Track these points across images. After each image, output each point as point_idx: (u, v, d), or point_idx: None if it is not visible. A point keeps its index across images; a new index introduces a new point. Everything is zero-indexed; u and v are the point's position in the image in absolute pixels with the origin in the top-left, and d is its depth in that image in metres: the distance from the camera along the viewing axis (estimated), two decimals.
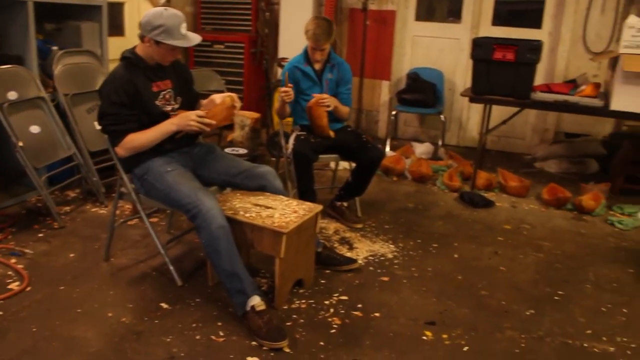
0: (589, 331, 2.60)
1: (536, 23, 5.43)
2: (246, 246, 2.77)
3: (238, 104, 2.73)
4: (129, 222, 3.45)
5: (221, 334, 2.43)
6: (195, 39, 2.66)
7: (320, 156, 3.48)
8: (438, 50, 5.80)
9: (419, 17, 5.87)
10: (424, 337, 2.47)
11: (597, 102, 3.91)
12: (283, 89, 3.35)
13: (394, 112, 5.67)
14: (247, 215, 2.56)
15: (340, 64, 3.64)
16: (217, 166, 2.86)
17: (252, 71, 5.95)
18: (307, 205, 2.73)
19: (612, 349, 2.48)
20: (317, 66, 3.56)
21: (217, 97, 2.75)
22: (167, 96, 2.75)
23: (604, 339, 2.55)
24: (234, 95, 2.73)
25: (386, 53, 5.91)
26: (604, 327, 2.64)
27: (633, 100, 3.77)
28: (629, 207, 4.16)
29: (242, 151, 4.46)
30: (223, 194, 2.82)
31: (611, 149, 5.01)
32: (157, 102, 2.70)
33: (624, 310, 2.81)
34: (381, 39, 5.89)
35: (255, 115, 4.85)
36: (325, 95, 3.40)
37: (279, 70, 5.31)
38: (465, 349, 2.40)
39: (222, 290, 2.63)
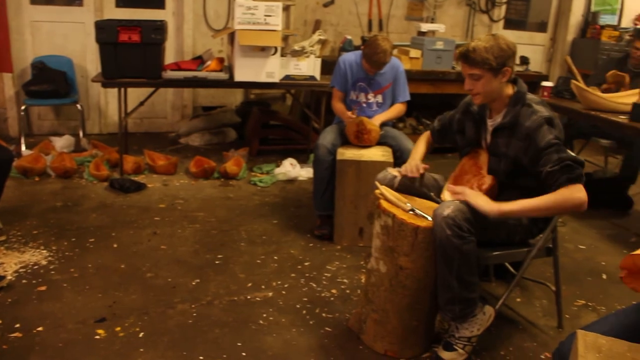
0: (249, 284, 2.86)
1: (160, 3, 5.51)
2: None
3: None
4: None
5: None
6: None
7: None
8: (62, 35, 5.42)
9: (36, 0, 5.38)
10: (97, 337, 2.37)
11: (223, 75, 4.21)
12: None
13: (23, 107, 5.15)
14: None
15: None
16: None
17: None
18: None
19: (270, 293, 2.78)
20: None
21: None
22: None
23: (263, 287, 2.84)
24: None
25: (2, 42, 5.28)
26: (261, 277, 2.94)
27: (252, 70, 4.17)
28: (266, 166, 4.65)
29: None
30: None
31: (244, 116, 5.49)
32: None
33: (275, 257, 3.17)
34: None
35: None
36: None
37: None
38: (141, 335, 2.39)
39: None
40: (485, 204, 2.15)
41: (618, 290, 3.09)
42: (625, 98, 3.86)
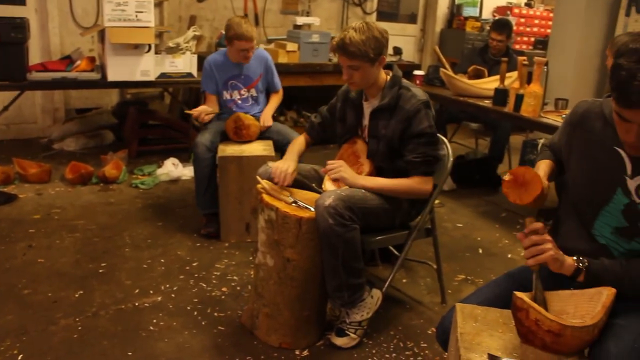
0: (137, 290, 2.76)
1: None
2: None
3: None
4: None
5: None
6: None
7: None
8: None
9: None
10: None
11: (95, 76, 4.03)
12: None
13: None
14: None
15: None
16: None
17: None
18: None
19: (159, 298, 2.71)
20: None
21: None
22: None
23: (151, 292, 2.76)
24: None
25: None
26: (149, 282, 2.85)
27: (125, 69, 4.03)
28: (147, 167, 4.51)
29: None
30: None
31: (121, 117, 5.27)
32: None
33: (162, 260, 3.09)
34: None
35: None
36: None
37: None
38: (20, 357, 2.24)
39: None
40: (349, 176, 2.35)
41: (493, 262, 3.33)
42: (489, 84, 4.15)
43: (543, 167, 1.84)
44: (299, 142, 2.75)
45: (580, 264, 1.58)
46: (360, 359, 2.35)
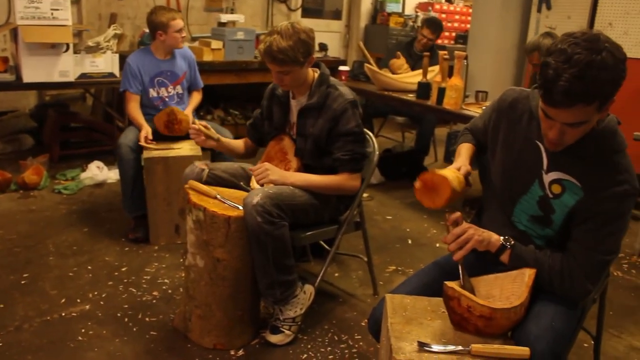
0: (63, 300, 2.67)
1: None
2: None
3: None
4: None
5: None
6: None
7: None
8: None
9: None
10: None
11: (9, 77, 3.85)
12: None
13: None
14: None
15: None
16: None
17: None
18: None
19: (87, 306, 2.62)
20: None
21: None
22: None
23: (78, 300, 2.67)
24: None
25: None
26: (76, 290, 2.76)
27: (42, 70, 3.87)
28: (70, 172, 4.35)
29: None
30: None
31: (40, 120, 5.06)
32: None
33: (89, 267, 2.99)
34: None
35: None
36: None
37: None
38: None
39: None
40: (277, 178, 2.35)
41: (422, 252, 3.42)
42: (412, 78, 4.25)
43: (464, 152, 1.90)
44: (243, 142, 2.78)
45: (507, 243, 1.65)
46: (295, 355, 2.36)
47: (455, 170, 1.75)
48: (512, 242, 1.66)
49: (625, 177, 1.55)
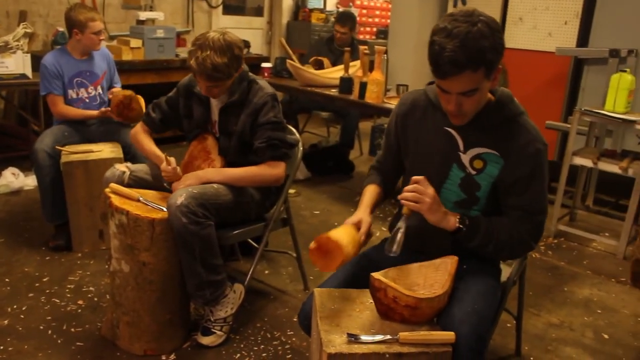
0: None
1: None
2: None
3: None
4: None
5: None
6: None
7: None
8: None
9: None
10: None
11: None
12: None
13: None
14: None
15: None
16: None
17: None
18: None
19: (6, 321, 2.50)
20: None
21: None
22: None
23: None
24: None
25: None
26: None
27: None
28: None
29: None
30: None
31: None
32: None
33: (7, 279, 2.85)
34: None
35: None
36: None
37: None
38: None
39: None
40: (194, 181, 2.30)
41: None
42: (334, 73, 4.30)
43: (366, 199, 1.91)
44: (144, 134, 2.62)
45: (462, 225, 1.70)
46: (228, 356, 2.35)
47: (353, 230, 1.72)
48: (467, 222, 1.70)
49: (534, 134, 1.70)
